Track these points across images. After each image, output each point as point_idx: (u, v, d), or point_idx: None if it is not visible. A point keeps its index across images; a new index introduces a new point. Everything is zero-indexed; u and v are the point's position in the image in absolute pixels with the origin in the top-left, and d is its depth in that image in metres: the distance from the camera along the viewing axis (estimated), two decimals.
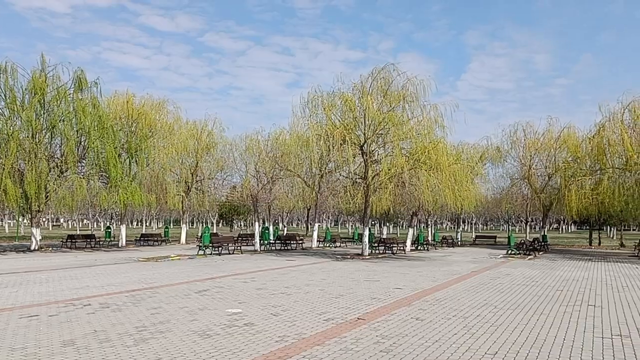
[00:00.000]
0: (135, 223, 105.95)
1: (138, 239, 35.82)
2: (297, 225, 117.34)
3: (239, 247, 28.28)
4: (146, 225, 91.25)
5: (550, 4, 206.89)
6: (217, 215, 74.68)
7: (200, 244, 26.32)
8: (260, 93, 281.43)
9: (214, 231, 59.37)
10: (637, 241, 38.11)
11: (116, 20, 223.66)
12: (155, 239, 36.03)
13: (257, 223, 30.21)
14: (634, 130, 28.56)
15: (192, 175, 37.90)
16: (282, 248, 31.38)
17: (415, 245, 33.33)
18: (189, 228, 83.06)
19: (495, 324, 8.91)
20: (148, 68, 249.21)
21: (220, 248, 26.48)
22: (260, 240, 30.21)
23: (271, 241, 32.10)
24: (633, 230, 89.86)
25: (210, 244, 26.02)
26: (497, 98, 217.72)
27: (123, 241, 32.13)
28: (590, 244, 44.79)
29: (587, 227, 48.86)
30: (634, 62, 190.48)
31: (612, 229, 70.27)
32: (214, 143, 38.12)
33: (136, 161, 30.44)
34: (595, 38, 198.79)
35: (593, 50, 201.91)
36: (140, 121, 31.80)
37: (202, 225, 72.47)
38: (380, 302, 11.11)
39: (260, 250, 29.08)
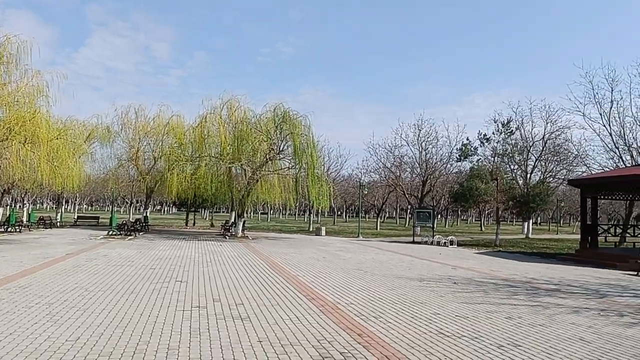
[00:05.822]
0: None
1: None
2: None
3: None
4: None
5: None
6: None
7: None
8: None
9: None
10: (224, 222, 44.08)
11: None
12: None
13: None
14: (229, 125, 32.61)
15: None
16: None
17: (6, 226, 29.61)
18: None
19: (82, 307, 8.72)
20: None
21: None
22: None
23: None
24: (222, 212, 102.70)
25: None
26: (116, 78, 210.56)
27: None
28: (187, 224, 49.19)
29: (185, 209, 53.28)
30: (237, 64, 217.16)
31: (206, 211, 78.71)
32: None
33: None
34: (209, 39, 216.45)
35: (207, 49, 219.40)
36: None
37: None
38: None
39: None
